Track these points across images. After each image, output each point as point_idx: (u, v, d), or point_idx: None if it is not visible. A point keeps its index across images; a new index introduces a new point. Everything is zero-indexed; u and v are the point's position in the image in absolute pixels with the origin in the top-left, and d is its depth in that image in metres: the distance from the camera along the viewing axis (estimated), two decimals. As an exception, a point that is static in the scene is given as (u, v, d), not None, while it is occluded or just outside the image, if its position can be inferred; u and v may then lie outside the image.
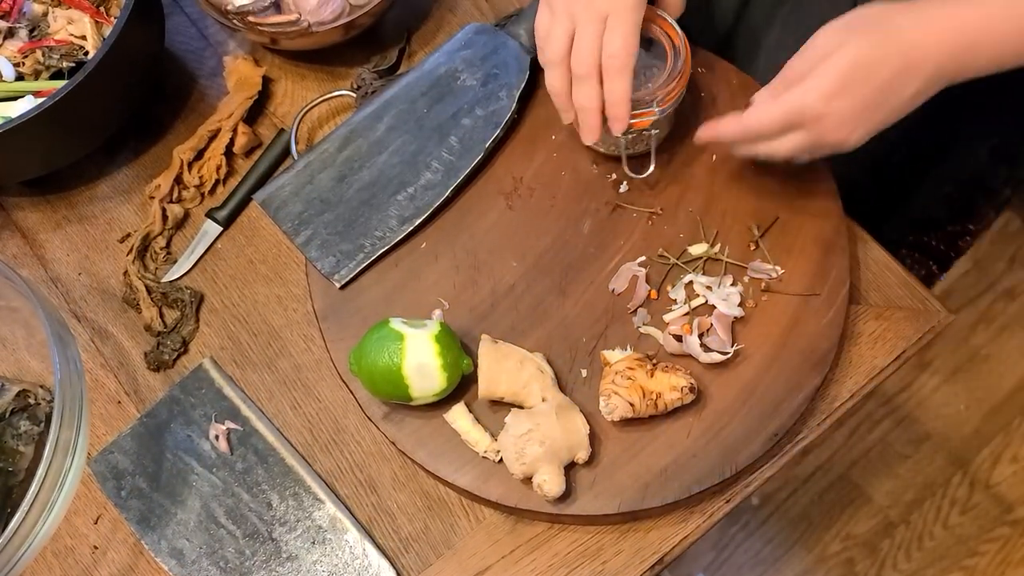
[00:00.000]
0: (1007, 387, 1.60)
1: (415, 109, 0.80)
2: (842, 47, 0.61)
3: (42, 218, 0.87)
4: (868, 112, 0.62)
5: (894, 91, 0.62)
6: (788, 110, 0.63)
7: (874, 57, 0.61)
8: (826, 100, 0.61)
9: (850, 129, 0.63)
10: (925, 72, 0.61)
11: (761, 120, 0.64)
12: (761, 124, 0.64)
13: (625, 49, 0.65)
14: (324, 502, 0.71)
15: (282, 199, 0.78)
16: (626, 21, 0.65)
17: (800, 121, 0.63)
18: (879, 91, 0.61)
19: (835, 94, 0.61)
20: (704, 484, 0.66)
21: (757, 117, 0.64)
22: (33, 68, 0.84)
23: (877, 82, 0.61)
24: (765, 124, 0.64)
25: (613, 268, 0.74)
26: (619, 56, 0.66)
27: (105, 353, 0.80)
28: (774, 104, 0.63)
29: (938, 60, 0.61)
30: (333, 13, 0.84)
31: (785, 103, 0.63)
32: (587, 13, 0.66)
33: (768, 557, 1.49)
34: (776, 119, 0.64)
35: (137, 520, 0.72)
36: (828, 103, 0.61)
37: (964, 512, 1.50)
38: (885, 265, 0.76)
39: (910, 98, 0.62)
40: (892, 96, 0.62)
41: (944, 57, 0.61)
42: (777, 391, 0.68)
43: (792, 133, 0.64)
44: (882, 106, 0.62)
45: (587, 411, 0.68)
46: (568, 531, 0.69)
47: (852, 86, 0.61)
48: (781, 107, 0.63)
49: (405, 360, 0.65)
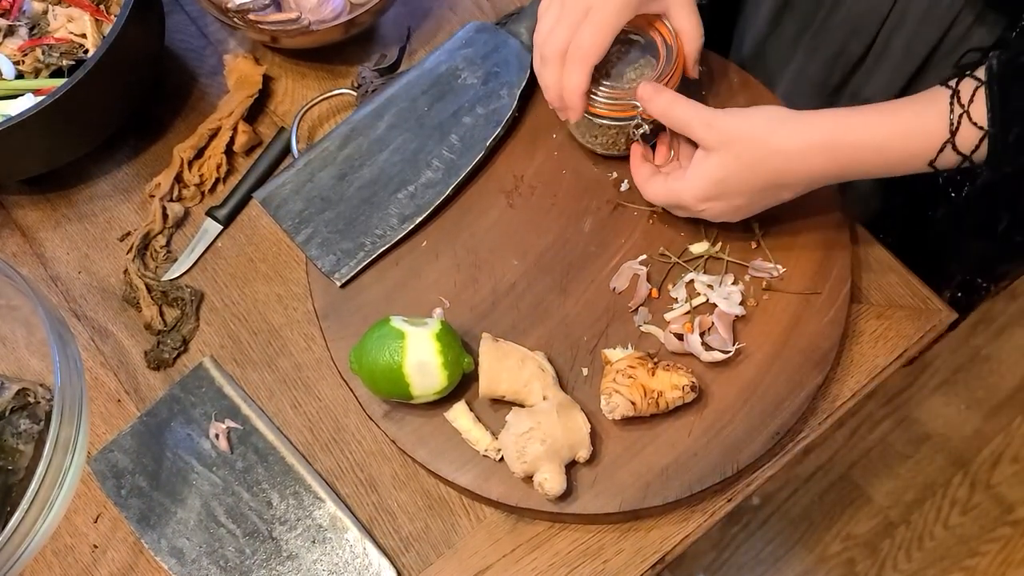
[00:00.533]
0: (1008, 387, 1.60)
1: (416, 107, 0.80)
2: (720, 151, 0.65)
3: (42, 216, 0.86)
4: (743, 210, 0.68)
5: (767, 196, 0.67)
6: (668, 200, 0.69)
7: (745, 171, 0.65)
8: (699, 201, 0.67)
9: (720, 218, 0.69)
10: (797, 185, 0.65)
11: (650, 194, 0.71)
12: (651, 197, 0.71)
13: (591, 42, 0.67)
14: (324, 501, 0.71)
15: (282, 197, 0.78)
16: (604, 19, 0.67)
17: (676, 207, 0.70)
18: (750, 197, 0.66)
19: (707, 198, 0.67)
20: (705, 483, 0.66)
21: (652, 191, 0.70)
22: (33, 66, 0.84)
23: (748, 190, 0.66)
24: (653, 198, 0.71)
25: (614, 267, 0.74)
26: (582, 47, 0.67)
27: (105, 352, 0.80)
28: (662, 190, 0.69)
29: (804, 171, 0.64)
30: (334, 11, 0.84)
31: (668, 192, 0.69)
32: (574, 3, 0.67)
33: (769, 557, 1.49)
34: (662, 201, 0.70)
35: (137, 519, 0.72)
36: (701, 204, 0.67)
37: (965, 512, 1.50)
38: (887, 264, 0.76)
39: (783, 197, 0.67)
40: (762, 200, 0.67)
41: (809, 167, 0.64)
42: (778, 390, 0.68)
43: (662, 200, 0.70)
44: (752, 206, 0.67)
45: (588, 410, 0.67)
46: (569, 530, 0.69)
47: (724, 194, 0.66)
48: (665, 195, 0.69)
49: (406, 358, 0.65)
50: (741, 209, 0.68)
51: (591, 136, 0.75)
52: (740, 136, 0.64)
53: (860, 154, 0.62)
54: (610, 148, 0.76)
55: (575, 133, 0.77)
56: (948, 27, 0.74)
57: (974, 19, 0.72)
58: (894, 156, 0.61)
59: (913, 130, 0.61)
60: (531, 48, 0.79)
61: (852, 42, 0.82)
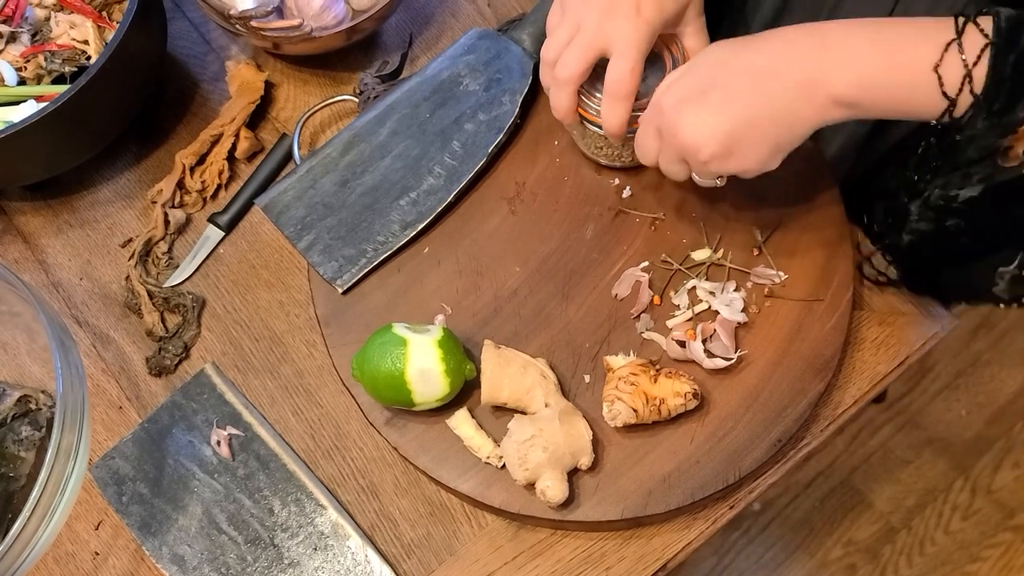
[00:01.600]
0: (1008, 392, 1.60)
1: (418, 114, 0.80)
2: (692, 61, 0.63)
3: (44, 223, 0.86)
4: (710, 108, 0.60)
5: (739, 91, 0.59)
6: (649, 114, 0.64)
7: (727, 55, 0.60)
8: (676, 102, 0.61)
9: (693, 126, 0.60)
10: (787, 78, 0.58)
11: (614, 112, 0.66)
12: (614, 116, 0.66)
13: (631, 76, 0.65)
14: (326, 508, 0.71)
15: (284, 204, 0.78)
16: (632, 54, 0.64)
17: (655, 124, 0.64)
18: (722, 87, 0.60)
19: (682, 95, 0.61)
20: (708, 490, 0.66)
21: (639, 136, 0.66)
22: (35, 73, 0.84)
23: (720, 77, 0.60)
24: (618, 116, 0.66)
25: (616, 273, 0.74)
26: (624, 83, 0.65)
27: (106, 358, 0.80)
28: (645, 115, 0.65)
29: (800, 68, 0.58)
30: (336, 18, 0.84)
31: (651, 108, 0.64)
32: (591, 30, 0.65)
33: (770, 563, 1.49)
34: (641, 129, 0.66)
35: (138, 526, 0.72)
36: (671, 94, 0.62)
37: (966, 518, 1.50)
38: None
39: (767, 102, 0.59)
40: (737, 96, 0.59)
41: (808, 65, 0.58)
42: (781, 397, 0.68)
43: (652, 139, 0.65)
44: (726, 105, 0.59)
45: (590, 417, 0.67)
46: (571, 537, 0.69)
47: (697, 85, 0.60)
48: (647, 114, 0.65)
49: (408, 365, 0.65)
50: (714, 105, 0.60)
51: (596, 148, 0.75)
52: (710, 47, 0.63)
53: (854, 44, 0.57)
54: (615, 159, 0.76)
55: (581, 145, 0.77)
56: None
57: None
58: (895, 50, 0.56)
59: (916, 27, 0.56)
60: (533, 55, 0.79)
61: None
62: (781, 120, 0.59)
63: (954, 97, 0.55)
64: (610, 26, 0.65)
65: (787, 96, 0.58)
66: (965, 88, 0.54)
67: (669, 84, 0.63)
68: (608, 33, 0.65)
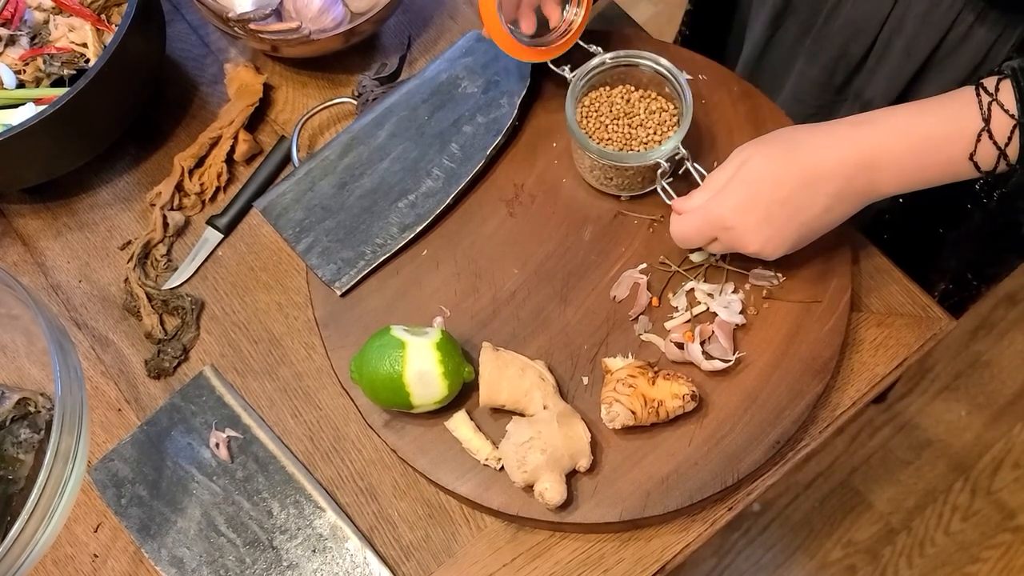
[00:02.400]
0: (1008, 393, 1.60)
1: (416, 116, 0.80)
2: (748, 162, 0.65)
3: (43, 225, 0.87)
4: (776, 225, 0.65)
5: (800, 206, 0.64)
6: (702, 222, 0.67)
7: (777, 173, 0.64)
8: (733, 212, 0.65)
9: (762, 240, 0.65)
10: (829, 188, 0.63)
11: (685, 230, 0.69)
12: (685, 233, 0.69)
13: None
14: (325, 510, 0.71)
15: (283, 206, 0.78)
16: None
17: (714, 231, 0.67)
18: (783, 205, 0.64)
19: (741, 207, 0.65)
20: (706, 492, 0.66)
21: (681, 228, 0.69)
22: (34, 75, 0.84)
23: (780, 196, 0.64)
24: (688, 233, 0.69)
25: (614, 275, 0.74)
26: None
27: (105, 361, 0.80)
28: (691, 215, 0.68)
29: (841, 176, 0.63)
30: (334, 20, 0.84)
31: (699, 215, 0.67)
32: None
33: (769, 564, 1.49)
34: (694, 229, 0.68)
35: (137, 528, 0.72)
36: (736, 215, 0.65)
37: (965, 519, 1.50)
38: (886, 272, 0.76)
39: (821, 212, 0.64)
40: (800, 211, 0.64)
41: (847, 173, 0.63)
42: (779, 398, 0.68)
43: (713, 241, 0.68)
44: (791, 220, 0.65)
45: (588, 419, 0.67)
46: (569, 539, 0.69)
47: (757, 200, 0.64)
48: (696, 219, 0.67)
49: (406, 368, 0.65)
50: (774, 223, 0.65)
51: (606, 179, 0.75)
52: (773, 139, 0.65)
53: (886, 142, 0.62)
54: (626, 189, 0.76)
55: (589, 179, 0.77)
56: (948, 28, 0.74)
57: (974, 19, 0.73)
58: (932, 151, 0.61)
59: (946, 122, 0.60)
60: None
61: (853, 45, 0.82)
62: (830, 221, 0.66)
63: (991, 170, 0.61)
64: None
65: (840, 205, 0.65)
66: (1001, 163, 0.60)
67: (717, 193, 0.66)
68: None
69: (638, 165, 0.71)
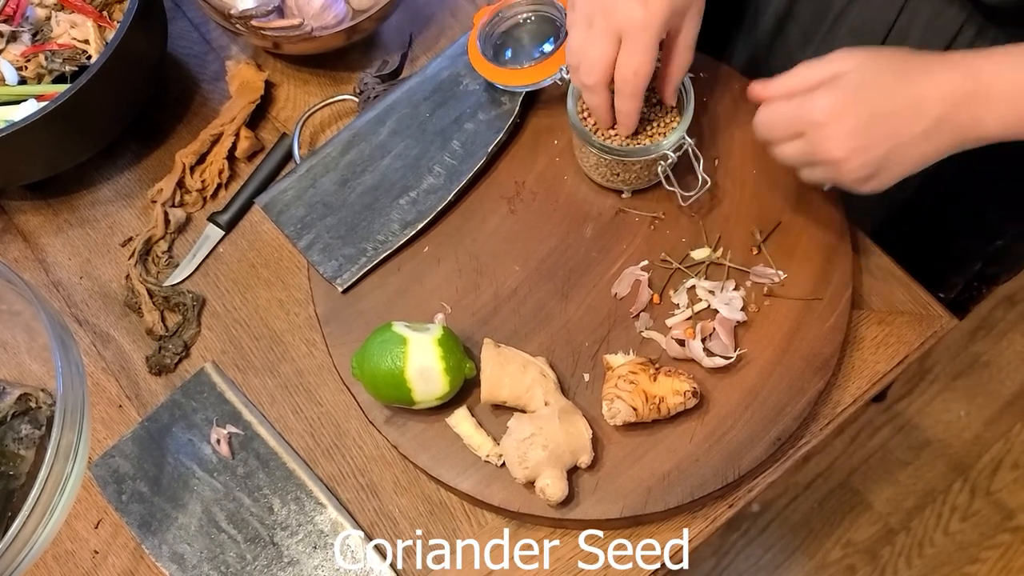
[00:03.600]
0: (1007, 393, 1.60)
1: (418, 113, 0.80)
2: (858, 69, 0.61)
3: (44, 222, 0.87)
4: (870, 137, 0.61)
5: (900, 124, 0.60)
6: (794, 114, 0.63)
7: (887, 85, 0.61)
8: (830, 112, 0.61)
9: (849, 149, 0.61)
10: (935, 111, 0.60)
11: (773, 119, 0.65)
12: (773, 122, 0.65)
13: (638, 73, 0.66)
14: (326, 507, 0.71)
15: (284, 203, 0.78)
16: (641, 41, 0.65)
17: (802, 128, 0.63)
18: (885, 119, 0.60)
19: (840, 110, 0.61)
20: (707, 489, 0.66)
21: (770, 116, 0.65)
22: (36, 72, 0.84)
23: (884, 108, 0.60)
24: (776, 122, 0.64)
25: (616, 272, 0.74)
26: (631, 81, 0.66)
27: (107, 357, 0.80)
28: (785, 105, 0.63)
29: (949, 101, 0.60)
30: (336, 18, 0.84)
31: (794, 106, 0.63)
32: (603, 23, 0.66)
33: (768, 564, 1.49)
34: (783, 120, 0.64)
35: (138, 524, 0.72)
36: (832, 116, 0.61)
37: (965, 519, 1.50)
38: (888, 270, 0.76)
39: (919, 137, 0.61)
40: (899, 130, 0.61)
41: (955, 99, 0.60)
42: (780, 396, 0.68)
43: (795, 138, 0.64)
44: (887, 138, 0.61)
45: (590, 415, 0.67)
46: (571, 536, 0.69)
47: (859, 105, 0.60)
48: (790, 109, 0.63)
49: (408, 364, 0.65)
50: (869, 134, 0.60)
51: (612, 175, 0.75)
52: (874, 50, 0.62)
53: (1002, 74, 0.59)
54: (631, 184, 0.76)
55: (594, 175, 0.77)
56: (951, 40, 0.74)
57: (975, 33, 0.73)
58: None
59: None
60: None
61: (862, 42, 0.82)
62: (920, 154, 0.62)
63: None
64: (618, 20, 0.65)
65: (939, 135, 0.60)
66: None
67: (817, 90, 0.62)
68: (617, 24, 0.65)
69: (644, 159, 0.71)
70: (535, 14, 0.79)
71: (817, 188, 0.75)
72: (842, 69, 0.62)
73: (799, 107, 0.62)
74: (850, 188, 0.64)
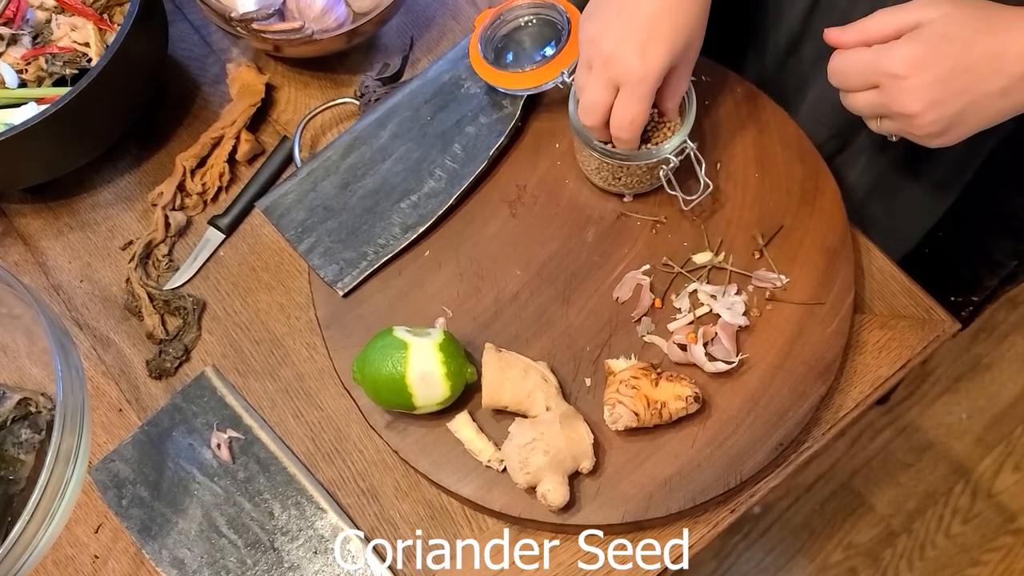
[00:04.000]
0: (1009, 396, 1.60)
1: (419, 116, 0.80)
2: (942, 18, 0.59)
3: (44, 225, 0.86)
4: (950, 91, 0.59)
5: (981, 78, 0.59)
6: (870, 63, 0.61)
7: (970, 36, 0.59)
8: (908, 63, 0.59)
9: (927, 102, 0.59)
10: (1015, 68, 0.58)
11: (847, 68, 0.63)
12: (847, 71, 0.63)
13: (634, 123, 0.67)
14: (326, 511, 0.71)
15: (285, 206, 0.78)
16: (637, 93, 0.66)
17: (879, 79, 0.61)
18: (966, 71, 0.58)
19: (920, 61, 0.59)
20: (709, 494, 0.66)
21: (844, 64, 0.63)
22: (36, 75, 0.84)
23: (966, 61, 0.58)
24: (850, 72, 0.63)
25: (617, 276, 0.74)
26: (627, 129, 0.68)
27: (107, 361, 0.80)
28: (861, 54, 0.62)
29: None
30: (337, 20, 0.84)
31: (871, 55, 0.61)
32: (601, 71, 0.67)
33: (770, 566, 1.49)
34: (858, 69, 0.62)
35: (138, 529, 0.71)
36: (910, 67, 0.59)
37: (966, 521, 1.50)
38: (890, 274, 0.76)
39: (998, 93, 0.59)
40: (978, 83, 0.59)
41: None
42: (782, 400, 0.68)
43: (869, 89, 0.63)
44: (966, 91, 0.59)
45: (591, 420, 0.67)
46: (571, 541, 0.69)
47: (941, 57, 0.58)
48: (866, 58, 0.61)
49: (409, 369, 0.65)
50: (947, 87, 0.59)
51: (613, 179, 0.75)
52: (963, 4, 0.60)
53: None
54: (633, 187, 0.76)
55: (596, 179, 0.77)
56: None
57: None
58: None
59: None
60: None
61: None
62: (998, 110, 0.60)
63: None
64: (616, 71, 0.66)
65: (1017, 93, 0.59)
66: None
67: (895, 41, 0.60)
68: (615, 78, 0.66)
69: (646, 162, 0.71)
70: (536, 17, 0.79)
71: (819, 190, 0.75)
72: (925, 17, 0.60)
73: (877, 57, 0.61)
74: (919, 141, 0.63)
